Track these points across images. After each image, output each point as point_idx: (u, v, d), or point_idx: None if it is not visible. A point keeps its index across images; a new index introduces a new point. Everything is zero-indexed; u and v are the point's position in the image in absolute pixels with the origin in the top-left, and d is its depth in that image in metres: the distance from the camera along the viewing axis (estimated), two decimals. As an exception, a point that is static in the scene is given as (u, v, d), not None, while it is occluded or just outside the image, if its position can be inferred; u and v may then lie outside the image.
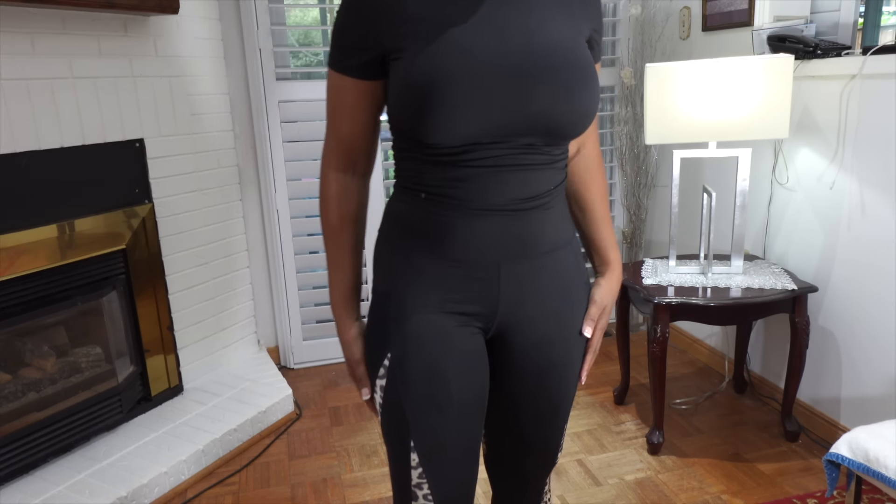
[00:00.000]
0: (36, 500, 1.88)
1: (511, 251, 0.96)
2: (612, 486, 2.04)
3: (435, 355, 0.97)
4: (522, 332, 1.01)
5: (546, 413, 1.08)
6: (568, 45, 0.93)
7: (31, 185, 1.95)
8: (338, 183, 1.01)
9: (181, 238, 2.46)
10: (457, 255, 0.95)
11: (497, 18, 0.89)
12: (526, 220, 0.95)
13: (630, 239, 3.15)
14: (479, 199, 0.92)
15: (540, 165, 0.94)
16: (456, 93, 0.86)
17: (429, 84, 0.85)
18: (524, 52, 0.89)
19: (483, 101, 0.87)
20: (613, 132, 3.10)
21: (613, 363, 2.87)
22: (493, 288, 0.97)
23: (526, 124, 0.90)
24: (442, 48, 0.86)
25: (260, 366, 2.73)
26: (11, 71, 1.88)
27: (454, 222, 0.93)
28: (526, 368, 1.04)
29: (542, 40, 0.91)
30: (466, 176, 0.91)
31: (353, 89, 0.95)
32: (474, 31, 0.88)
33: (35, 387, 2.07)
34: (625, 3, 2.95)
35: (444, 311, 0.97)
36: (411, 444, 0.99)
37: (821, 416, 2.23)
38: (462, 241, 0.94)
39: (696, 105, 2.07)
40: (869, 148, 1.96)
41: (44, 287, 2.01)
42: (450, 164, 0.92)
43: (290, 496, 2.07)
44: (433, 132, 0.88)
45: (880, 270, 1.97)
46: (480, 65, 0.87)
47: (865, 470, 1.43)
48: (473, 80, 0.86)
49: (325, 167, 1.02)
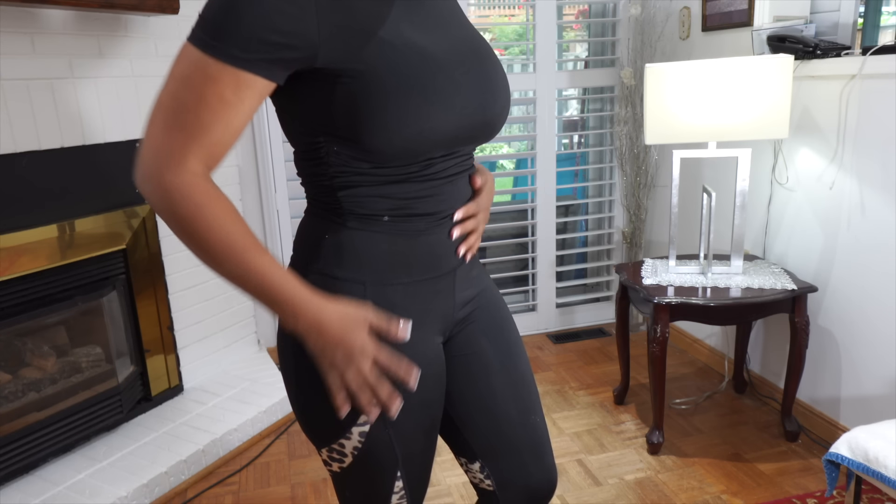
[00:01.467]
0: (36, 500, 1.88)
1: (457, 256, 0.96)
2: (612, 486, 2.04)
3: (424, 386, 0.92)
4: (468, 328, 1.02)
5: (518, 395, 1.07)
6: (483, 38, 0.95)
7: (31, 185, 1.95)
8: (207, 183, 0.78)
9: (181, 238, 2.46)
10: (424, 274, 0.92)
11: (428, 17, 0.86)
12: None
13: (630, 239, 3.15)
14: (436, 211, 0.90)
15: (468, 170, 0.96)
16: (427, 101, 0.81)
17: (392, 94, 0.78)
18: (472, 51, 0.89)
19: (452, 109, 0.83)
20: (613, 132, 3.11)
21: (613, 363, 2.87)
22: (451, 296, 0.97)
23: (479, 130, 0.90)
24: (401, 52, 0.79)
25: (260, 366, 2.73)
26: (12, 71, 1.88)
27: (418, 239, 0.90)
28: (476, 364, 1.03)
29: (473, 36, 0.92)
30: (424, 191, 0.88)
31: (244, 87, 0.76)
32: (421, 32, 0.83)
33: (35, 387, 2.07)
34: (625, 3, 2.95)
35: (417, 338, 0.91)
36: (398, 474, 0.95)
37: (820, 415, 2.23)
38: (424, 258, 0.92)
39: (695, 105, 2.07)
40: (868, 148, 1.97)
41: (44, 287, 2.01)
42: (412, 181, 0.87)
43: (290, 496, 2.07)
44: (390, 145, 0.81)
45: (880, 270, 1.97)
46: (445, 69, 0.83)
47: (865, 470, 1.43)
48: (443, 87, 0.82)
49: (176, 172, 0.76)
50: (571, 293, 3.34)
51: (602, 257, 3.34)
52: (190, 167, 0.76)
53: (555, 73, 2.97)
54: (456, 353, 1.02)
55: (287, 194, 2.80)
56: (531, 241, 3.12)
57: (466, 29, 0.92)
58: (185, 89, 0.75)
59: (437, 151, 0.86)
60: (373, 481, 0.95)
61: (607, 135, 3.15)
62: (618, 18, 2.99)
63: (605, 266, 3.33)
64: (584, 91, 3.12)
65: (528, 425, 1.06)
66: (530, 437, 1.06)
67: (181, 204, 0.76)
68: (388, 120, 0.79)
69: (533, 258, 3.13)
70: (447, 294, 0.96)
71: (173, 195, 0.76)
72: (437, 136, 0.83)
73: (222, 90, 0.75)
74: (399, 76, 0.79)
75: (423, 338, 0.93)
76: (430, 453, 1.01)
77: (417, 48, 0.81)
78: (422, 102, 0.80)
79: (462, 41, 0.89)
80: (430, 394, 0.95)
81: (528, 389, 1.07)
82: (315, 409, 0.91)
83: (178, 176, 0.76)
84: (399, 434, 0.93)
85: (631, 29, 2.97)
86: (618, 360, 2.54)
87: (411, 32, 0.82)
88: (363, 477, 0.95)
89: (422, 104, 0.80)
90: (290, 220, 2.82)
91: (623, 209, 3.17)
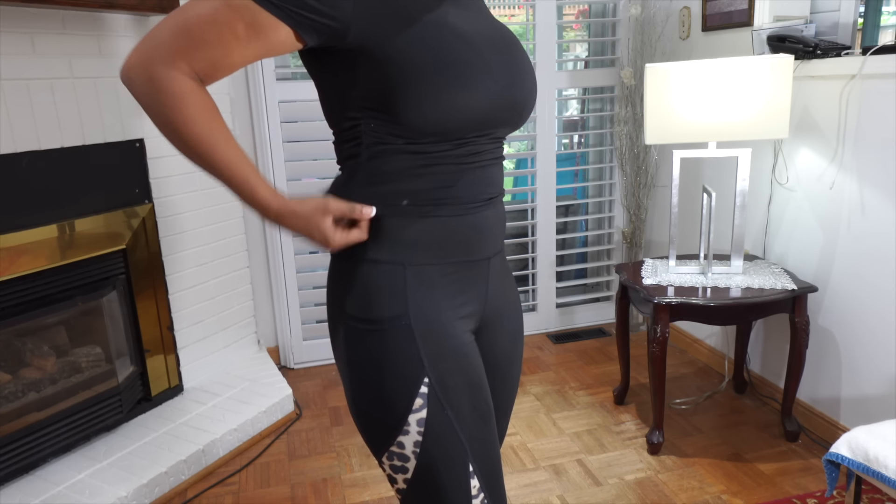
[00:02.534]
0: (36, 500, 1.88)
1: (494, 244, 0.97)
2: (612, 486, 2.04)
3: (470, 367, 0.92)
4: (501, 326, 1.03)
5: (508, 401, 1.10)
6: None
7: (31, 185, 1.95)
8: (191, 81, 0.80)
9: (181, 238, 2.46)
10: (457, 257, 0.92)
11: (465, 9, 0.90)
12: (499, 212, 0.98)
13: (630, 239, 3.15)
14: (469, 196, 0.91)
15: (501, 157, 0.99)
16: (464, 78, 0.84)
17: (434, 70, 0.82)
18: (502, 40, 0.92)
19: (484, 88, 0.86)
20: (613, 132, 3.11)
21: (613, 363, 2.87)
22: (483, 284, 0.97)
23: (508, 114, 0.91)
24: (444, 33, 0.84)
25: (260, 366, 2.73)
26: (12, 71, 1.88)
27: (448, 224, 0.91)
28: (500, 361, 1.05)
29: (503, 27, 0.96)
30: (458, 172, 0.89)
31: (263, 31, 0.79)
32: (461, 20, 0.87)
33: (35, 387, 2.06)
34: (625, 3, 2.95)
35: (457, 318, 0.93)
36: (471, 469, 0.90)
37: (820, 415, 2.23)
38: (458, 242, 0.92)
39: (695, 105, 2.07)
40: (868, 148, 1.97)
41: (44, 287, 2.01)
42: (445, 163, 0.88)
43: (290, 496, 2.07)
44: (432, 120, 0.83)
45: (880, 270, 1.97)
46: (479, 50, 0.87)
47: (865, 470, 1.43)
48: (477, 66, 0.85)
49: (166, 68, 0.79)
50: (571, 293, 3.34)
51: (602, 257, 3.34)
52: (180, 67, 0.79)
53: (555, 72, 2.97)
54: (485, 347, 1.03)
55: (287, 194, 2.79)
56: (531, 241, 3.12)
57: (493, 19, 0.96)
58: (204, 7, 0.78)
59: (469, 131, 0.88)
60: (445, 488, 0.89)
61: (607, 135, 3.15)
62: (618, 18, 2.99)
63: (605, 266, 3.33)
64: (584, 91, 3.12)
65: (502, 427, 1.11)
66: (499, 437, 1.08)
67: (163, 93, 0.79)
68: (423, 96, 0.82)
69: (533, 258, 3.13)
70: (481, 282, 0.97)
71: (157, 84, 0.79)
72: (468, 112, 0.85)
73: (236, 23, 0.78)
74: (435, 55, 0.82)
75: (464, 319, 0.95)
76: (496, 447, 0.96)
77: (456, 31, 0.85)
78: (455, 80, 0.83)
79: (491, 28, 0.93)
80: (475, 376, 0.93)
81: (512, 397, 1.11)
82: (369, 403, 0.90)
83: (167, 70, 0.79)
84: (458, 415, 0.89)
85: (631, 29, 2.97)
86: (618, 360, 2.54)
87: (452, 18, 0.86)
88: (433, 485, 0.89)
89: (455, 81, 0.83)
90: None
91: (623, 209, 3.17)
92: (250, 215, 2.80)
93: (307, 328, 2.96)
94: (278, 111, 2.71)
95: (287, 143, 2.76)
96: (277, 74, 2.69)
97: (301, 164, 2.79)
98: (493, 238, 0.97)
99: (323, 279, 2.92)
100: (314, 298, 2.95)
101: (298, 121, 2.76)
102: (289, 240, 2.83)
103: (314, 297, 2.95)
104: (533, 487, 2.05)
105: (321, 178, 2.89)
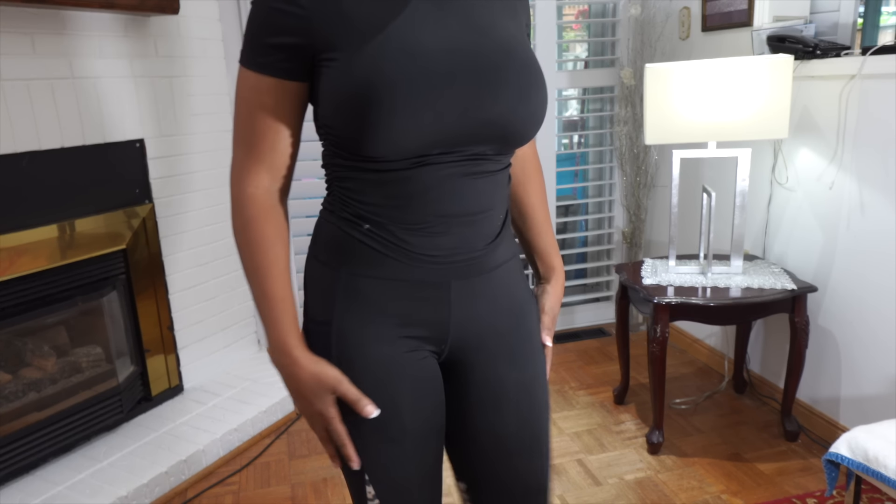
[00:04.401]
0: (36, 499, 1.88)
1: (462, 267, 0.89)
2: (612, 486, 2.04)
3: (383, 385, 0.89)
4: (482, 351, 0.94)
5: (525, 436, 0.98)
6: (520, 42, 0.87)
7: (31, 185, 1.95)
8: (265, 199, 0.87)
9: (181, 238, 2.46)
10: (403, 275, 0.87)
11: (443, 14, 0.82)
12: (477, 233, 0.89)
13: (630, 239, 3.15)
14: (428, 215, 0.85)
15: (490, 174, 0.88)
16: (404, 98, 0.77)
17: (370, 89, 0.77)
18: (477, 52, 0.81)
19: (434, 107, 0.79)
20: (613, 132, 3.11)
21: (613, 363, 2.87)
22: (443, 308, 0.90)
23: (482, 131, 0.82)
24: (385, 48, 0.78)
25: (260, 366, 2.74)
26: (12, 71, 1.89)
27: (403, 241, 0.86)
28: (489, 391, 0.96)
29: (497, 37, 0.84)
30: (416, 192, 0.83)
31: (276, 91, 0.83)
32: (419, 28, 0.80)
33: (35, 387, 2.07)
34: (625, 4, 2.95)
35: (392, 336, 0.89)
36: (366, 477, 0.93)
37: (820, 415, 2.23)
38: (410, 260, 0.87)
39: (695, 105, 2.07)
40: (868, 148, 1.97)
41: (44, 287, 2.01)
42: (398, 181, 0.83)
43: (290, 496, 2.08)
44: (376, 144, 0.79)
45: (880, 270, 1.97)
46: (428, 66, 0.78)
47: (865, 469, 1.43)
48: (421, 84, 0.78)
49: (241, 185, 0.86)
50: (571, 293, 3.34)
51: (602, 257, 3.34)
52: (256, 181, 0.86)
53: (555, 73, 2.97)
54: (469, 376, 0.97)
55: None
56: (531, 241, 3.12)
57: (490, 30, 0.85)
58: (240, 102, 0.85)
59: (424, 150, 0.81)
60: (347, 471, 0.96)
61: (607, 135, 3.15)
62: (618, 18, 2.99)
63: (605, 266, 3.33)
64: (583, 91, 3.12)
65: (528, 469, 1.00)
66: (525, 480, 1.00)
67: (237, 214, 0.87)
68: (363, 115, 0.78)
69: (533, 258, 3.13)
70: (440, 306, 0.90)
71: (234, 205, 0.88)
72: (413, 135, 0.79)
73: (262, 97, 0.83)
74: (377, 72, 0.78)
75: (408, 339, 0.90)
76: (409, 471, 0.94)
77: (406, 47, 0.79)
78: (393, 102, 0.77)
79: (470, 34, 0.83)
80: (387, 397, 0.90)
81: (534, 432, 1.00)
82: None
83: (244, 189, 0.86)
84: (356, 429, 0.91)
85: (631, 29, 2.97)
86: (618, 360, 2.55)
87: (409, 27, 0.80)
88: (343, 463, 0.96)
89: (393, 104, 0.77)
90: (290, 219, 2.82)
91: (623, 209, 3.17)
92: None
93: (307, 328, 2.96)
94: (278, 111, 2.70)
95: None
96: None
97: (301, 164, 2.78)
98: (456, 262, 0.88)
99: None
100: (314, 298, 2.95)
101: (298, 121, 2.76)
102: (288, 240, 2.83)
103: (314, 297, 2.94)
104: (533, 487, 2.05)
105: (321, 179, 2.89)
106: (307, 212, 2.85)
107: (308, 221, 2.85)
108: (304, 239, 2.88)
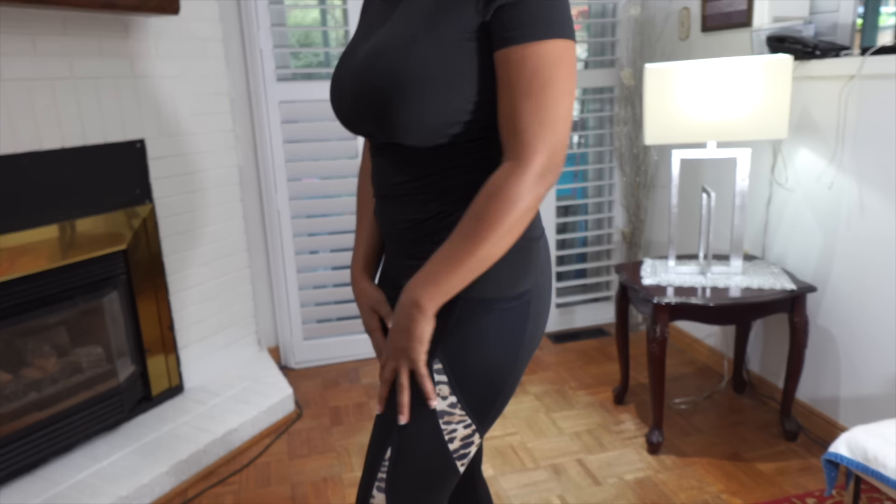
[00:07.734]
0: (37, 499, 1.88)
1: (392, 244, 1.10)
2: (612, 486, 2.04)
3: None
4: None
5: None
6: (396, 57, 0.87)
7: (31, 185, 1.95)
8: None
9: (182, 238, 2.46)
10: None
11: (371, 25, 1.01)
12: (389, 211, 1.05)
13: (630, 239, 3.15)
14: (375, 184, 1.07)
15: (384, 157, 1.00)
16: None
17: None
18: (354, 71, 0.95)
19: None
20: (613, 132, 3.11)
21: (613, 363, 2.88)
22: (390, 265, 1.11)
23: (340, 117, 1.01)
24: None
25: (260, 365, 2.74)
26: (12, 71, 1.89)
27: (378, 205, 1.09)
28: None
29: (367, 54, 0.93)
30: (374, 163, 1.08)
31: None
32: (366, 18, 1.03)
33: (36, 386, 2.07)
34: (624, 4, 2.96)
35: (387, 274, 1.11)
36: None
37: (820, 415, 2.23)
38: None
39: (695, 105, 2.07)
40: (867, 148, 1.97)
41: (45, 287, 2.01)
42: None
43: (290, 496, 2.08)
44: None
45: (879, 270, 1.97)
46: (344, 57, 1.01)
47: (864, 469, 1.44)
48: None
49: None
50: (571, 293, 3.34)
51: (602, 257, 3.35)
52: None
53: (554, 73, 2.97)
54: None
55: (287, 194, 2.80)
56: (531, 241, 3.12)
57: (385, 29, 0.94)
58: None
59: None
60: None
61: (607, 135, 3.15)
62: (617, 19, 2.99)
63: (604, 266, 3.33)
64: (583, 91, 3.13)
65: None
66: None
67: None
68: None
69: (533, 258, 3.13)
70: (389, 260, 1.07)
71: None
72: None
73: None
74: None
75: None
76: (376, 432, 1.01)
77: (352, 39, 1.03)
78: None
79: (373, 32, 0.98)
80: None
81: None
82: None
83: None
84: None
85: (630, 29, 2.97)
86: (617, 360, 2.55)
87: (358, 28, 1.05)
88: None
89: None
90: (291, 219, 2.82)
91: (623, 209, 3.17)
92: (250, 215, 2.80)
93: (307, 328, 2.97)
94: (279, 111, 2.71)
95: (287, 144, 2.76)
96: (278, 75, 2.69)
97: (301, 164, 2.79)
98: (389, 232, 1.03)
99: (323, 279, 2.93)
100: (314, 298, 2.95)
101: (299, 121, 2.76)
102: (289, 240, 2.83)
103: (314, 297, 2.95)
104: (533, 487, 2.05)
105: (321, 179, 2.90)
106: (307, 211, 2.85)
107: (308, 221, 2.85)
108: (305, 239, 2.88)
